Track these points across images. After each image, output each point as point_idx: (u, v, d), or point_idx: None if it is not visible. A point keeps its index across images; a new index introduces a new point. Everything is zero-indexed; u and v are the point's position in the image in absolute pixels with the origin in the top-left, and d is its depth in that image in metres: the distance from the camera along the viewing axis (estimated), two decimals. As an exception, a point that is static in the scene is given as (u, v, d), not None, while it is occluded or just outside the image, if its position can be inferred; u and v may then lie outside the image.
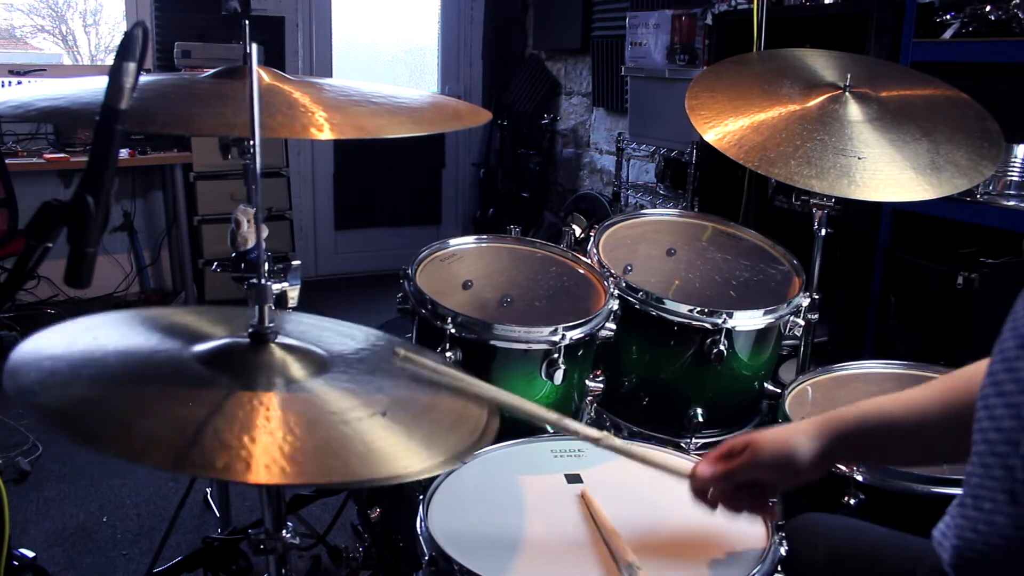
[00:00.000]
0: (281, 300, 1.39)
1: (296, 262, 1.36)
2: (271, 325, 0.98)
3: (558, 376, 1.47)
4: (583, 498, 1.20)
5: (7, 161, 3.47)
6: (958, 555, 0.82)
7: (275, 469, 0.78)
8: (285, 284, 1.36)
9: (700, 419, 1.66)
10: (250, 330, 0.97)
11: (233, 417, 0.84)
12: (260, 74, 1.14)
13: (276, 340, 0.97)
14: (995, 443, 0.78)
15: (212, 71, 1.23)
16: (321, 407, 0.90)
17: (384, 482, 0.81)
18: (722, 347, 1.58)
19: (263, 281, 0.98)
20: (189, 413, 0.83)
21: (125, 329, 1.02)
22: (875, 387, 1.59)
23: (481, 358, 1.47)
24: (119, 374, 0.90)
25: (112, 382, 0.88)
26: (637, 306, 1.64)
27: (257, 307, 0.97)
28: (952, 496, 1.22)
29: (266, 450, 0.80)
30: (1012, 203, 2.10)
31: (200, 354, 0.96)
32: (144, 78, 0.98)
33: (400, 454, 0.86)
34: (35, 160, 3.87)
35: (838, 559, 1.11)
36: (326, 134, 1.01)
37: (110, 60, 0.77)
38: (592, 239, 1.80)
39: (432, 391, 1.02)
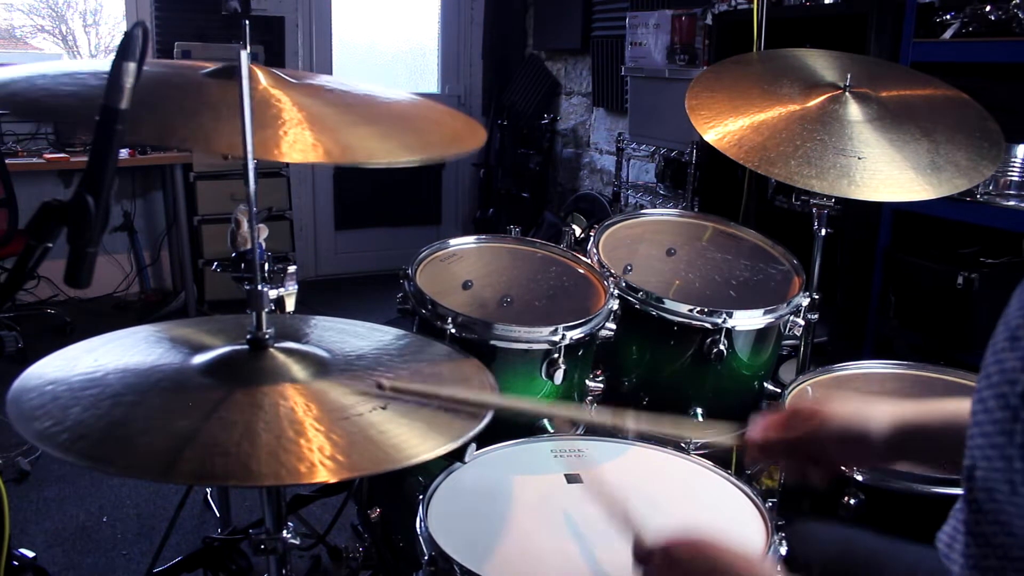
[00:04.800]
0: (279, 305, 1.39)
1: (292, 267, 1.36)
2: (269, 331, 0.98)
3: (558, 376, 1.47)
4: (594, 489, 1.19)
5: (7, 161, 3.47)
6: None
7: (281, 472, 0.79)
8: (282, 289, 1.35)
9: (700, 419, 1.66)
10: (248, 337, 0.98)
11: (233, 424, 0.84)
12: (258, 74, 1.14)
13: (274, 345, 0.98)
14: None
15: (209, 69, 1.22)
16: (325, 406, 0.91)
17: (402, 464, 0.85)
18: (722, 347, 1.58)
19: (259, 287, 0.98)
20: (190, 424, 0.83)
21: (126, 347, 1.03)
22: (875, 387, 1.58)
23: (481, 358, 1.46)
24: (120, 392, 0.91)
25: (113, 401, 0.89)
26: (637, 306, 1.64)
27: (254, 313, 0.97)
28: (954, 497, 1.24)
29: (270, 452, 0.81)
30: (1012, 203, 2.10)
31: (200, 365, 0.96)
32: (144, 78, 0.98)
33: (412, 441, 0.89)
34: (35, 160, 3.87)
35: (833, 571, 1.11)
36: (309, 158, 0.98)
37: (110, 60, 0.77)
38: (592, 239, 1.80)
39: (431, 384, 1.03)
